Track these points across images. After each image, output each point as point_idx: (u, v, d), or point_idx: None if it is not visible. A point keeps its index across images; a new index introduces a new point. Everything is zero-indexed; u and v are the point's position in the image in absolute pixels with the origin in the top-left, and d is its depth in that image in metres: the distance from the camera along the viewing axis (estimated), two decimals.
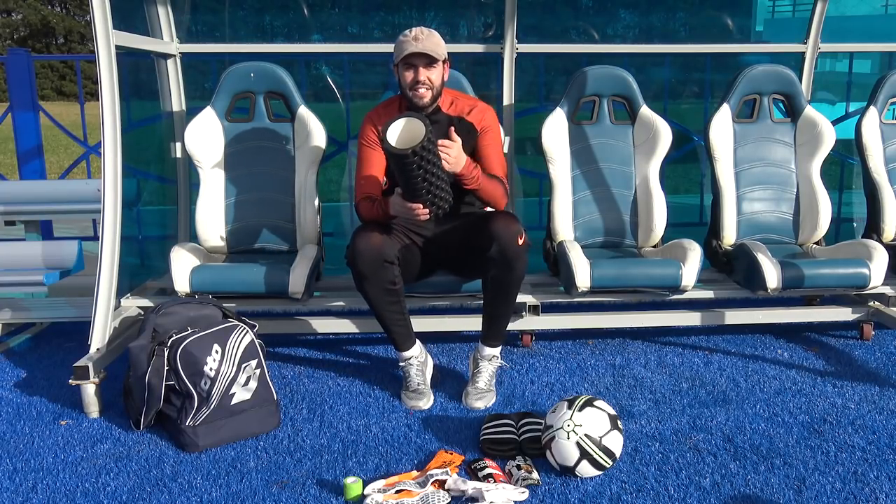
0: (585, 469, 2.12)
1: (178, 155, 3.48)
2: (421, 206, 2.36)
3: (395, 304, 2.61)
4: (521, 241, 2.48)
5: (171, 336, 2.39)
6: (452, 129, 2.43)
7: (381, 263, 2.49)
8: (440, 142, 2.34)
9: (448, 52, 2.60)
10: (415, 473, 2.15)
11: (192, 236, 3.30)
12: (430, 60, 2.52)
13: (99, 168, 2.73)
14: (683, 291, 2.97)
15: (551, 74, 4.07)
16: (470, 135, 2.65)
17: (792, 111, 3.40)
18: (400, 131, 2.31)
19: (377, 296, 2.57)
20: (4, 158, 12.49)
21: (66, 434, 2.46)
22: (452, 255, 2.73)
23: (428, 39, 2.51)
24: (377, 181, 2.67)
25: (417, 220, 2.43)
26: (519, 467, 2.15)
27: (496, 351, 2.72)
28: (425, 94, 2.56)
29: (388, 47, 3.78)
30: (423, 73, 2.52)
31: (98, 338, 2.68)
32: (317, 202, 3.19)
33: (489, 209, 2.69)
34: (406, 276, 2.70)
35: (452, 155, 2.38)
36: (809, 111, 3.35)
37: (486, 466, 2.16)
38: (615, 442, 2.14)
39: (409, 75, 2.54)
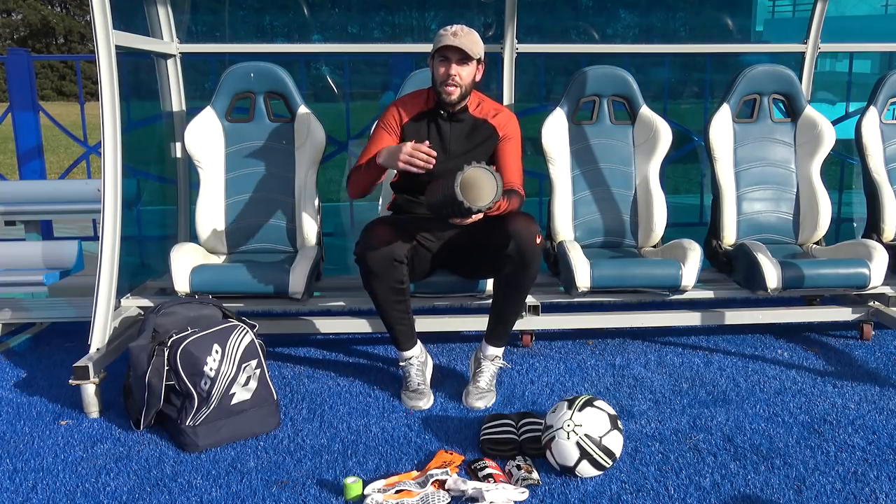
0: (585, 469, 2.12)
1: (178, 155, 3.49)
2: (423, 162, 2.40)
3: (401, 303, 2.61)
4: (538, 241, 2.50)
5: (171, 336, 2.38)
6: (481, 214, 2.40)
7: (390, 262, 2.49)
8: (465, 221, 2.38)
9: None
10: (415, 473, 2.15)
11: (192, 236, 3.30)
12: (463, 57, 2.52)
13: (99, 168, 2.72)
14: (683, 291, 2.97)
15: (551, 74, 4.07)
16: (490, 139, 2.67)
17: (792, 111, 3.40)
18: (470, 170, 2.29)
19: (384, 294, 2.57)
20: (4, 158, 12.49)
21: (66, 434, 2.46)
22: (464, 254, 2.72)
23: (466, 37, 2.52)
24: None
25: (412, 168, 2.42)
26: (519, 467, 2.15)
27: (499, 351, 2.72)
28: (453, 92, 2.56)
29: (388, 47, 3.82)
30: (455, 69, 2.53)
31: (98, 338, 2.68)
32: (317, 202, 3.19)
33: None
34: (413, 276, 2.70)
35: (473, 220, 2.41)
36: (809, 111, 3.35)
37: (486, 466, 2.16)
38: (615, 442, 2.14)
39: (441, 69, 2.55)
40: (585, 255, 2.96)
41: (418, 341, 2.74)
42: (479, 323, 2.80)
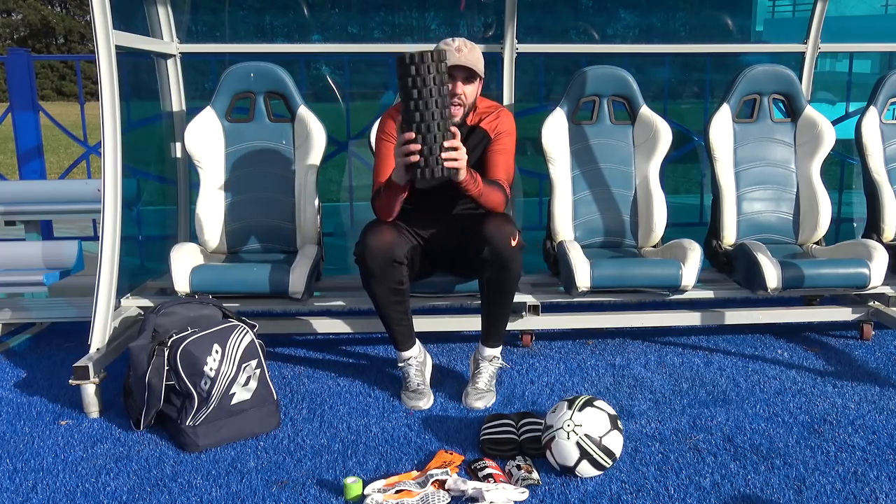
0: (585, 469, 2.12)
1: (178, 155, 3.49)
2: (413, 135, 2.22)
3: (400, 303, 2.61)
4: (513, 242, 2.47)
5: (171, 336, 2.39)
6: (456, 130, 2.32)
7: (390, 263, 2.48)
8: (449, 142, 2.26)
9: None
10: (415, 473, 2.15)
11: (192, 236, 3.30)
12: (470, 74, 2.49)
13: (99, 168, 2.73)
14: (683, 291, 2.97)
15: (551, 74, 4.07)
16: (482, 142, 2.64)
17: (792, 111, 3.40)
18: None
19: (383, 295, 2.57)
20: (4, 158, 12.49)
21: (66, 434, 2.46)
22: (450, 255, 2.73)
23: (471, 53, 2.47)
24: None
25: (408, 161, 2.25)
26: (519, 467, 2.15)
27: (496, 351, 2.72)
28: (458, 112, 2.52)
29: (387, 47, 3.81)
30: (461, 88, 2.49)
31: (98, 338, 2.68)
32: (317, 202, 3.19)
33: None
34: (411, 276, 2.70)
35: (459, 157, 2.29)
36: (809, 111, 3.35)
37: (486, 466, 2.16)
38: (615, 442, 2.14)
39: None
40: (585, 255, 2.96)
41: (417, 341, 2.74)
42: (479, 322, 2.80)
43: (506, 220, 2.51)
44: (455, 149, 2.27)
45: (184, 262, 2.85)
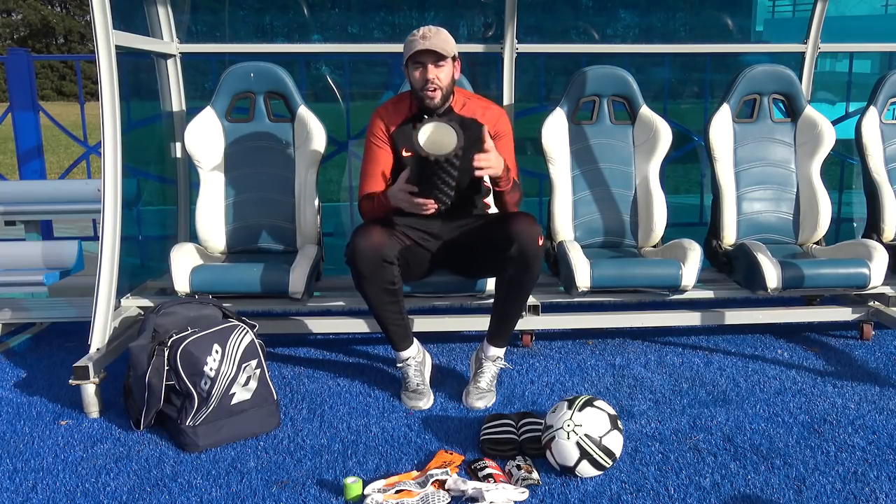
0: (585, 469, 2.12)
1: (178, 155, 3.49)
2: (430, 202, 2.37)
3: (394, 304, 2.60)
4: (540, 242, 2.50)
5: (171, 336, 2.38)
6: (486, 132, 2.44)
7: (380, 263, 2.48)
8: (479, 156, 2.37)
9: None
10: (415, 473, 2.15)
11: (192, 236, 3.30)
12: (438, 58, 2.50)
13: (99, 168, 2.73)
14: (683, 291, 2.97)
15: (551, 74, 4.07)
16: (480, 137, 2.65)
17: (792, 111, 3.40)
18: (430, 132, 2.30)
19: (375, 295, 2.56)
20: (4, 158, 12.48)
21: (66, 434, 2.46)
22: (463, 254, 2.72)
23: (436, 36, 2.49)
24: (382, 179, 2.65)
25: (422, 213, 2.42)
26: (519, 467, 2.15)
27: (501, 352, 2.72)
28: (435, 95, 2.53)
29: (387, 47, 3.81)
30: (433, 72, 2.50)
31: (98, 338, 2.68)
32: (317, 202, 3.19)
33: (495, 210, 2.70)
34: (410, 276, 2.70)
35: (492, 161, 2.41)
36: (809, 111, 3.35)
37: (486, 466, 2.16)
38: (615, 442, 2.14)
39: (417, 74, 2.52)
40: (585, 254, 2.96)
41: (415, 341, 2.74)
42: (479, 323, 2.80)
43: (532, 219, 2.53)
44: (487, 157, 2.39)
45: (184, 262, 2.85)
